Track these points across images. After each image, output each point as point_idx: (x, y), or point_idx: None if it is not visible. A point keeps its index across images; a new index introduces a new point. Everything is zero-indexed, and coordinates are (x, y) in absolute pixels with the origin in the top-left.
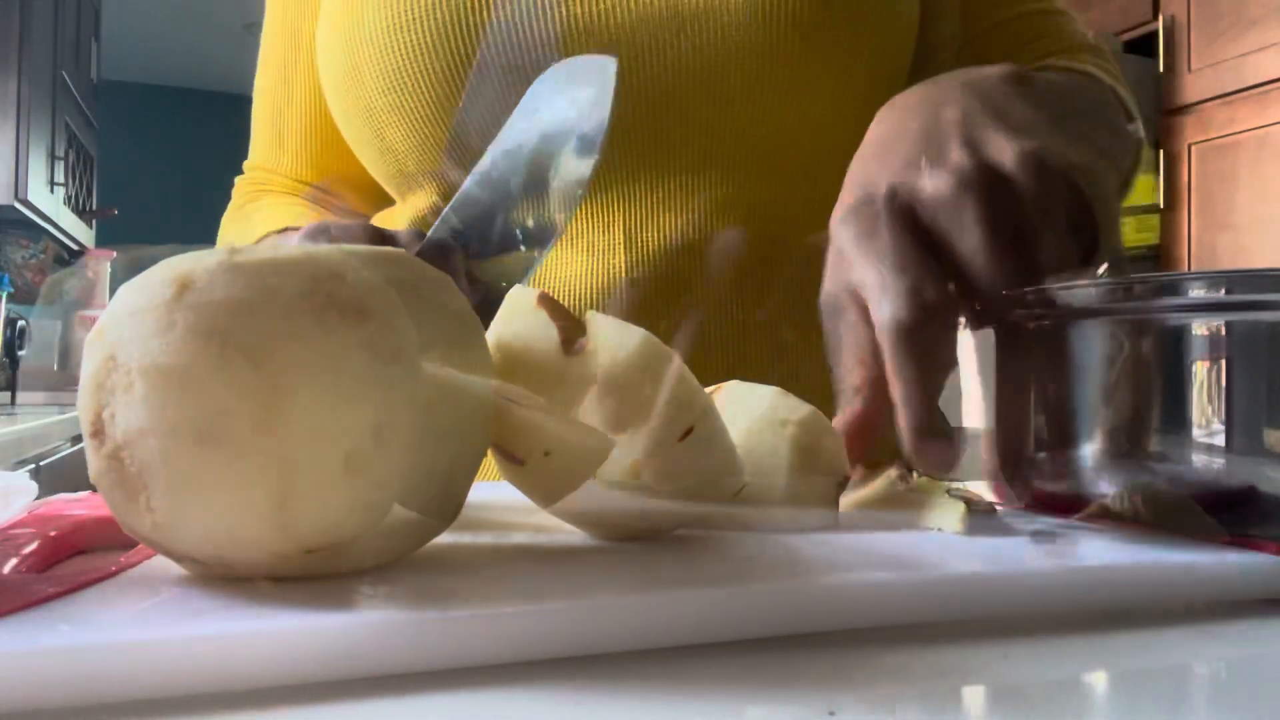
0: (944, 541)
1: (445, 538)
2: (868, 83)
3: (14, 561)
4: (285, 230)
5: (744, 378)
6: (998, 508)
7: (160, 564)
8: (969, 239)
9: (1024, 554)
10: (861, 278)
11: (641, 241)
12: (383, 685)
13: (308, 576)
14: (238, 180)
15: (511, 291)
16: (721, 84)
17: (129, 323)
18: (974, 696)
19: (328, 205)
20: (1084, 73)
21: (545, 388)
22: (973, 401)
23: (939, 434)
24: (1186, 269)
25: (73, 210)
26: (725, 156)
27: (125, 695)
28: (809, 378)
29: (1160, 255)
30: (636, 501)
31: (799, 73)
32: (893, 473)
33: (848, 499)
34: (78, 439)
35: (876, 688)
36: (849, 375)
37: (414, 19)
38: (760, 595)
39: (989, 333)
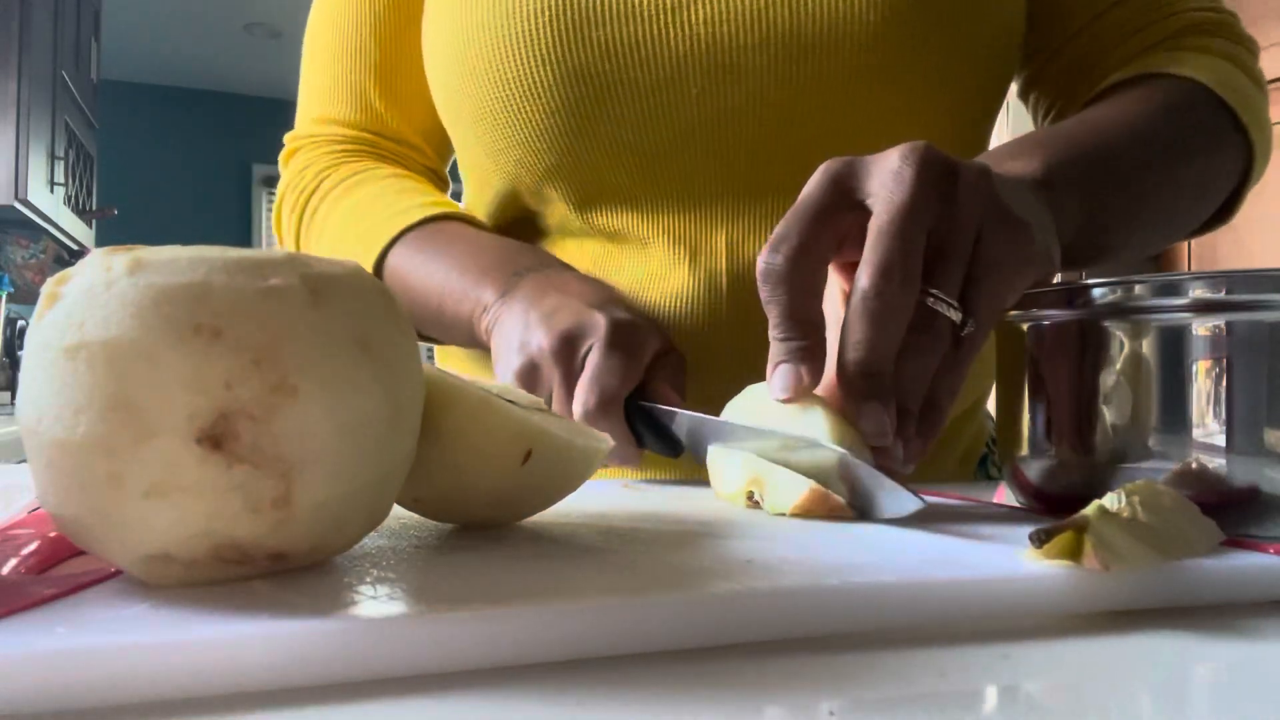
0: (965, 544)
1: (445, 539)
2: (969, 99)
3: (13, 562)
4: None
5: None
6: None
7: None
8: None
9: (1023, 555)
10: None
11: (743, 253)
12: (383, 688)
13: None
14: (294, 139)
15: None
16: (834, 107)
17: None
18: (974, 697)
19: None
20: (1172, 77)
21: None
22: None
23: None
24: (1186, 269)
25: (73, 210)
26: None
27: (122, 699)
28: None
29: (1160, 255)
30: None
31: (909, 96)
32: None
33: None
34: None
35: (876, 689)
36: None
37: (532, 30)
38: (760, 598)
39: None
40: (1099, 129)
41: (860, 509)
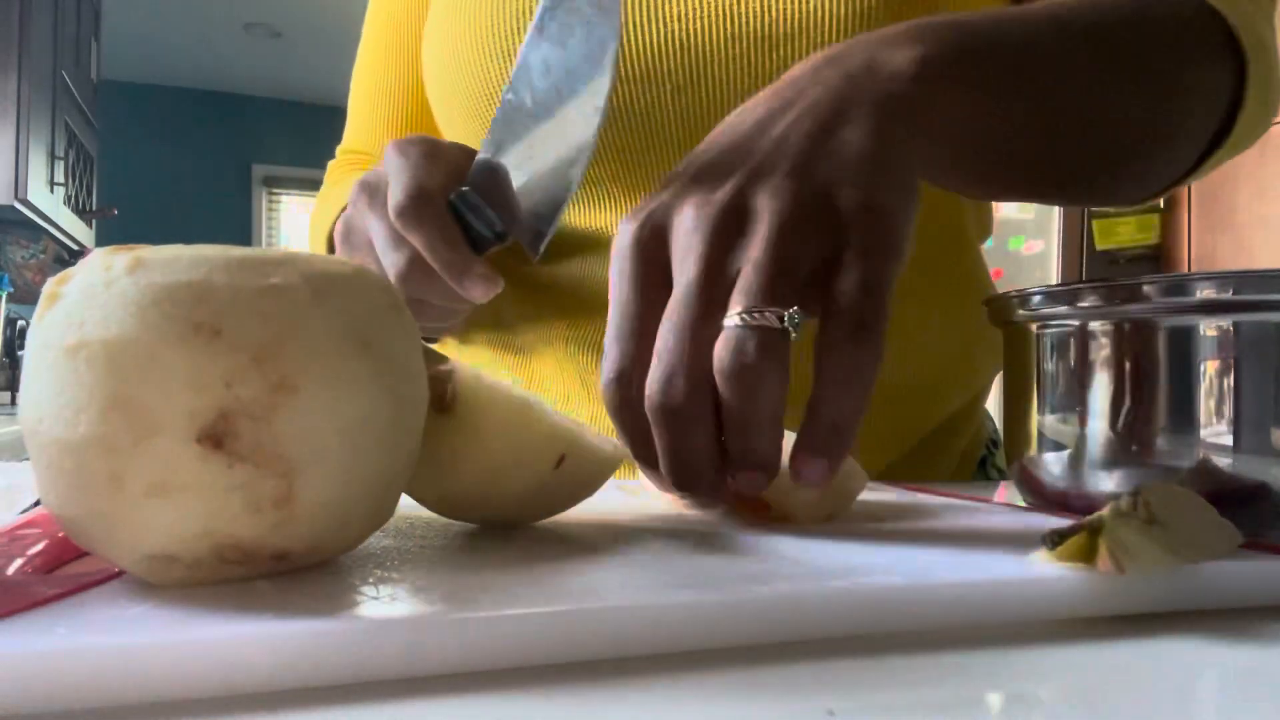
0: (974, 545)
1: (452, 539)
2: None
3: (19, 562)
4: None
5: None
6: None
7: None
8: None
9: (1035, 557)
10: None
11: None
12: (387, 689)
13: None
14: (331, 164)
15: None
16: None
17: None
18: (975, 700)
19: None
20: None
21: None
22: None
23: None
24: (1187, 269)
25: (73, 210)
26: None
27: (123, 699)
28: None
29: (1161, 255)
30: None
31: None
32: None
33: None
34: None
35: (877, 691)
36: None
37: (515, 31)
38: (764, 600)
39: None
40: (1021, 18)
41: None
